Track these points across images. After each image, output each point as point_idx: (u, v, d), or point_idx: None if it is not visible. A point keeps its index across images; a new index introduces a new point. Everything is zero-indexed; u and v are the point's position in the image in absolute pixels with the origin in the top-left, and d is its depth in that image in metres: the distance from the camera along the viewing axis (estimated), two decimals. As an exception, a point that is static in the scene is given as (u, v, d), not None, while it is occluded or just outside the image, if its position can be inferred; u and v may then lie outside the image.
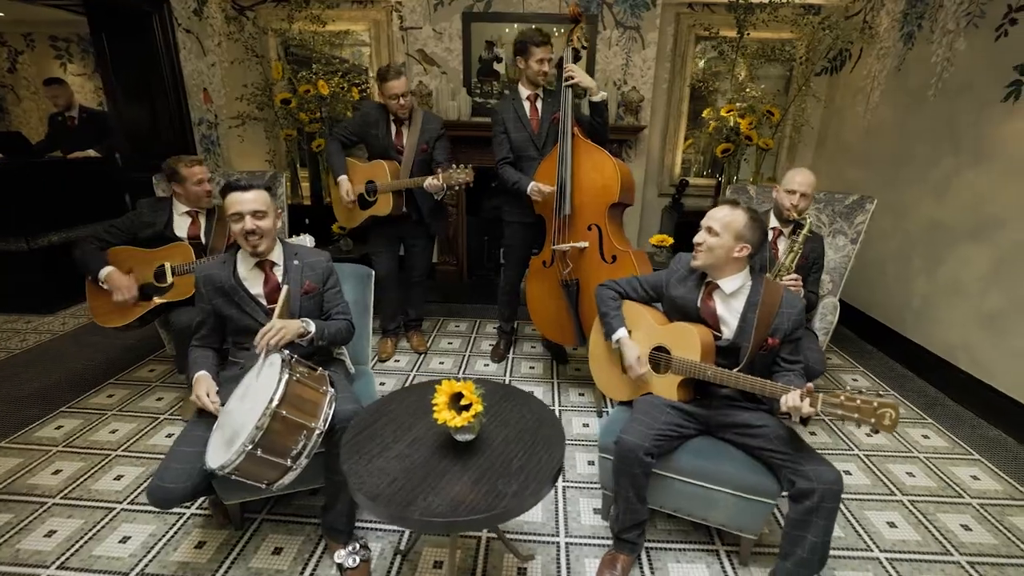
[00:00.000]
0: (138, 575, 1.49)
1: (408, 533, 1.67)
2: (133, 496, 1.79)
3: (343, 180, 2.47)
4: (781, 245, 2.04)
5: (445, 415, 1.19)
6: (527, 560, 1.57)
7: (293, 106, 3.44)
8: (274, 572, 1.51)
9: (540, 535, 1.67)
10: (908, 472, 2.01)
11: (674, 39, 3.70)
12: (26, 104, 5.25)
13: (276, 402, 1.23)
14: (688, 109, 3.88)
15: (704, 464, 1.48)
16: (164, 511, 1.72)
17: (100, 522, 1.68)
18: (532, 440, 1.30)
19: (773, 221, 2.06)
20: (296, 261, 1.62)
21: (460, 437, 1.26)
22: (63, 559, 1.53)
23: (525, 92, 2.36)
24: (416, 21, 3.54)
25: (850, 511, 1.80)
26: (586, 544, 1.64)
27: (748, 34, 3.35)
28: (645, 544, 1.62)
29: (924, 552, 1.64)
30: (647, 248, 3.25)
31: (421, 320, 3.05)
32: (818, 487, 1.27)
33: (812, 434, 2.25)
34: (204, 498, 1.69)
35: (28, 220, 3.34)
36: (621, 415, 1.65)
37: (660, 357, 1.57)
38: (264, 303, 1.56)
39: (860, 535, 1.70)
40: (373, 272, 2.00)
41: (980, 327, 2.42)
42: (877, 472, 2.01)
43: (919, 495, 1.89)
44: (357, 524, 1.66)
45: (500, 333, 2.92)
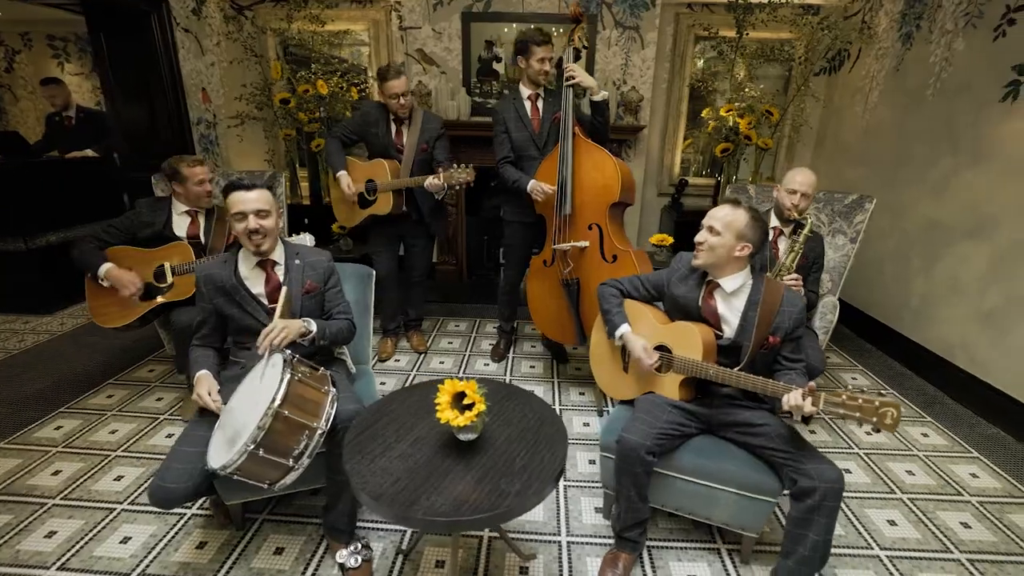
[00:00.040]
0: (139, 576, 1.49)
1: (410, 533, 1.67)
2: (134, 496, 1.79)
3: (343, 175, 2.46)
4: (781, 245, 2.04)
5: (448, 414, 1.19)
6: (529, 559, 1.57)
7: (292, 106, 3.43)
8: (276, 572, 1.51)
9: (542, 534, 1.67)
10: (908, 470, 2.02)
11: (673, 39, 3.71)
12: (23, 104, 5.23)
13: (278, 402, 1.23)
14: (687, 109, 3.89)
15: (706, 463, 1.48)
16: (165, 511, 1.71)
17: (100, 523, 1.67)
18: (534, 439, 1.30)
19: (774, 220, 2.06)
20: (297, 260, 1.62)
21: (463, 436, 1.26)
22: (64, 560, 1.53)
23: (526, 92, 2.36)
24: (415, 21, 3.54)
25: (850, 509, 1.81)
26: (588, 543, 1.64)
27: (747, 34, 3.36)
28: (647, 543, 1.63)
29: (924, 550, 1.64)
30: (647, 248, 3.26)
31: (421, 320, 3.05)
32: (820, 485, 1.27)
33: (812, 432, 2.25)
34: (205, 498, 1.69)
35: (26, 220, 3.32)
36: (622, 414, 1.65)
37: (662, 356, 1.57)
38: (265, 303, 1.56)
39: (860, 533, 1.71)
40: (374, 272, 2.00)
41: (978, 326, 2.43)
42: (877, 470, 2.02)
43: (919, 493, 1.90)
44: (359, 524, 1.66)
45: (500, 333, 2.92)
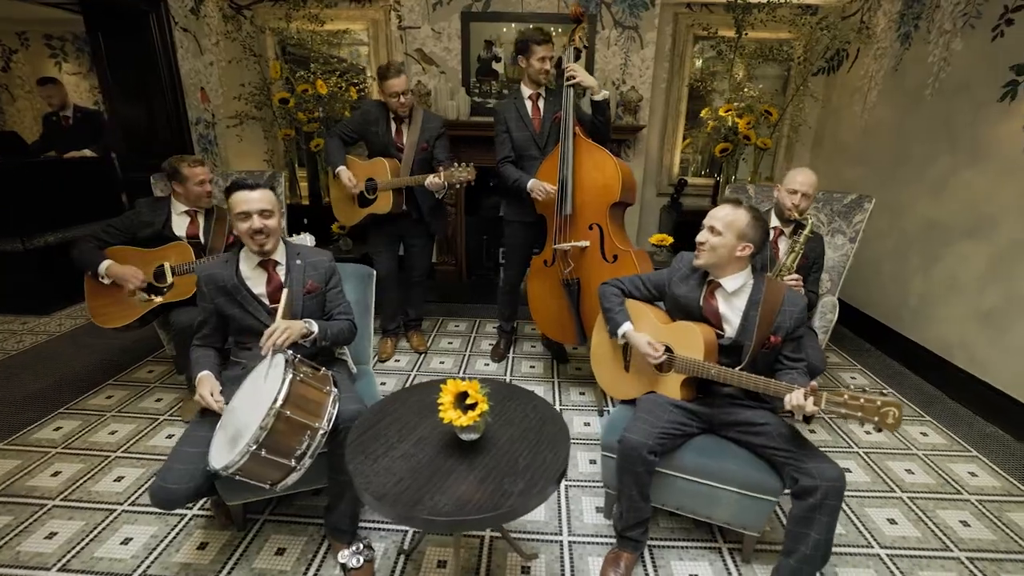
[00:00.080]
0: (140, 576, 1.49)
1: (412, 533, 1.67)
2: (134, 497, 1.79)
3: (343, 170, 2.45)
4: (782, 245, 2.04)
5: (451, 414, 1.19)
6: (531, 559, 1.57)
7: (291, 106, 3.42)
8: (278, 573, 1.51)
9: (543, 534, 1.67)
10: (907, 469, 2.03)
11: (672, 39, 3.71)
12: (20, 103, 5.20)
13: (280, 402, 1.23)
14: (686, 109, 3.89)
15: (707, 462, 1.49)
16: (167, 512, 1.71)
17: (101, 524, 1.67)
18: (537, 439, 1.30)
19: (774, 220, 2.06)
20: (299, 260, 1.61)
21: (465, 436, 1.25)
22: (64, 561, 1.53)
23: (527, 91, 2.36)
24: (415, 20, 3.53)
25: (851, 508, 1.81)
26: (589, 543, 1.65)
27: (746, 34, 3.37)
28: (648, 542, 1.63)
29: (924, 548, 1.65)
30: (646, 247, 3.26)
31: (421, 320, 3.05)
32: (821, 484, 1.28)
33: (812, 432, 2.26)
34: (206, 499, 1.69)
35: (24, 220, 3.31)
36: (624, 414, 1.66)
37: (665, 352, 1.57)
38: (267, 303, 1.56)
39: (861, 532, 1.71)
40: (375, 272, 2.00)
41: (977, 325, 2.44)
42: (877, 469, 2.02)
43: (918, 492, 1.91)
44: (360, 524, 1.66)
45: (500, 332, 2.92)
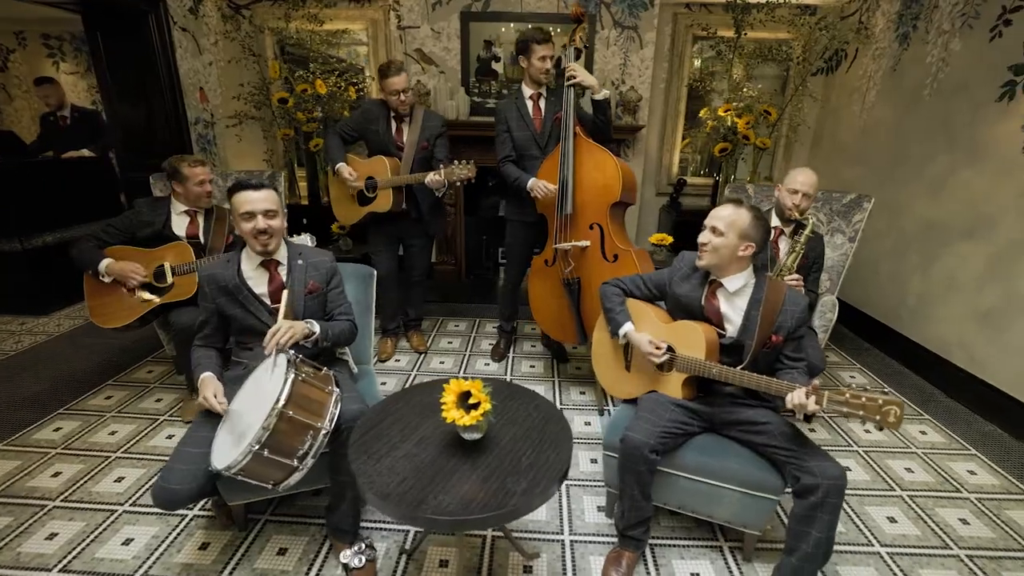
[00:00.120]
0: (142, 577, 1.48)
1: (413, 532, 1.67)
2: (135, 498, 1.78)
3: (343, 166, 2.44)
4: (782, 245, 2.05)
5: (454, 414, 1.19)
6: (532, 558, 1.58)
7: (290, 106, 3.41)
8: (279, 573, 1.51)
9: (545, 533, 1.68)
10: (907, 468, 2.04)
11: (672, 39, 3.72)
12: (18, 103, 5.18)
13: (282, 402, 1.23)
14: (685, 109, 3.90)
15: (709, 461, 1.49)
16: (168, 512, 1.71)
17: (102, 524, 1.66)
18: (539, 438, 1.30)
19: (775, 220, 2.07)
20: (300, 261, 1.61)
21: (468, 436, 1.25)
22: (65, 562, 1.52)
23: (528, 91, 2.37)
24: (414, 20, 3.53)
25: (851, 507, 1.82)
26: (591, 542, 1.65)
27: (745, 34, 3.37)
28: (649, 541, 1.63)
29: (924, 546, 1.66)
30: (646, 247, 3.26)
31: (421, 320, 3.05)
32: (822, 483, 1.28)
33: (812, 431, 2.27)
34: (207, 499, 1.68)
35: (22, 221, 3.30)
36: (625, 413, 1.66)
37: (667, 352, 1.57)
38: (268, 303, 1.56)
39: (861, 530, 1.72)
40: (375, 272, 2.00)
41: (975, 324, 2.45)
42: (876, 468, 2.03)
43: (918, 490, 1.92)
44: (362, 524, 1.66)
45: (500, 332, 2.92)
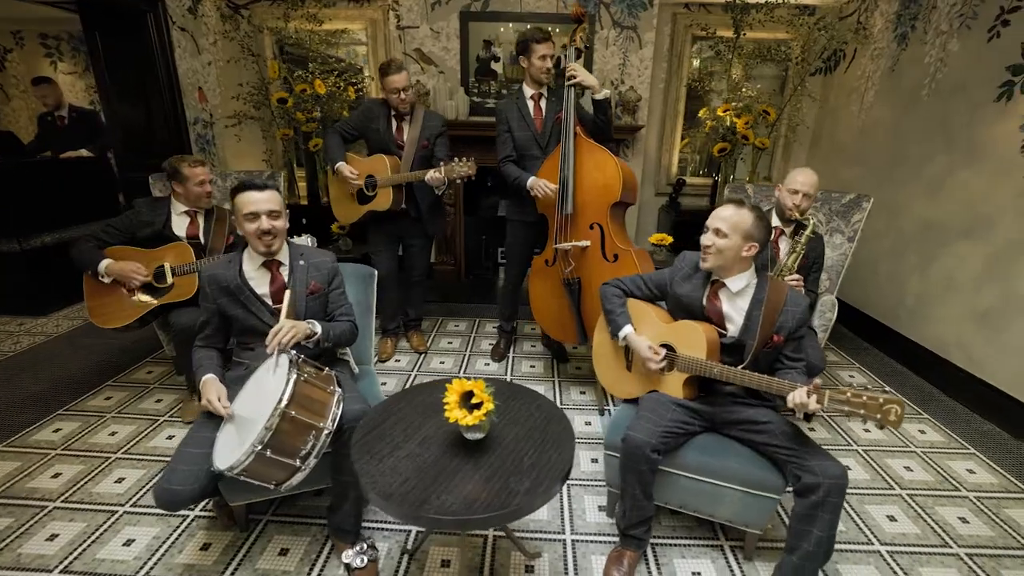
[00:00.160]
0: (143, 578, 1.48)
1: (415, 532, 1.67)
2: (135, 499, 1.78)
3: (342, 165, 2.44)
4: (782, 245, 2.05)
5: (456, 414, 1.20)
6: (534, 558, 1.58)
7: (289, 105, 3.41)
8: (281, 573, 1.51)
9: (546, 533, 1.68)
10: (906, 467, 2.05)
11: (671, 39, 3.72)
12: (15, 103, 5.16)
13: (285, 402, 1.23)
14: (684, 108, 3.91)
15: (710, 460, 1.50)
16: (170, 513, 1.70)
17: (103, 525, 1.66)
18: (542, 438, 1.31)
19: (775, 220, 2.07)
20: (302, 261, 1.61)
21: (470, 436, 1.26)
22: (66, 563, 1.52)
23: (529, 91, 2.37)
24: (413, 20, 3.53)
25: (851, 505, 1.83)
26: (592, 541, 1.65)
27: (744, 34, 3.38)
28: (650, 540, 1.63)
29: (923, 544, 1.67)
30: (646, 247, 3.27)
31: (421, 320, 3.05)
32: (823, 482, 1.28)
33: (811, 430, 2.27)
34: (208, 500, 1.68)
35: (20, 221, 3.29)
36: (627, 413, 1.66)
37: (667, 355, 1.57)
38: (270, 303, 1.56)
39: (861, 529, 1.73)
40: (376, 272, 2.00)
41: (974, 324, 2.46)
42: (876, 467, 2.04)
43: (917, 489, 1.92)
44: (364, 524, 1.66)
45: (500, 332, 2.92)
